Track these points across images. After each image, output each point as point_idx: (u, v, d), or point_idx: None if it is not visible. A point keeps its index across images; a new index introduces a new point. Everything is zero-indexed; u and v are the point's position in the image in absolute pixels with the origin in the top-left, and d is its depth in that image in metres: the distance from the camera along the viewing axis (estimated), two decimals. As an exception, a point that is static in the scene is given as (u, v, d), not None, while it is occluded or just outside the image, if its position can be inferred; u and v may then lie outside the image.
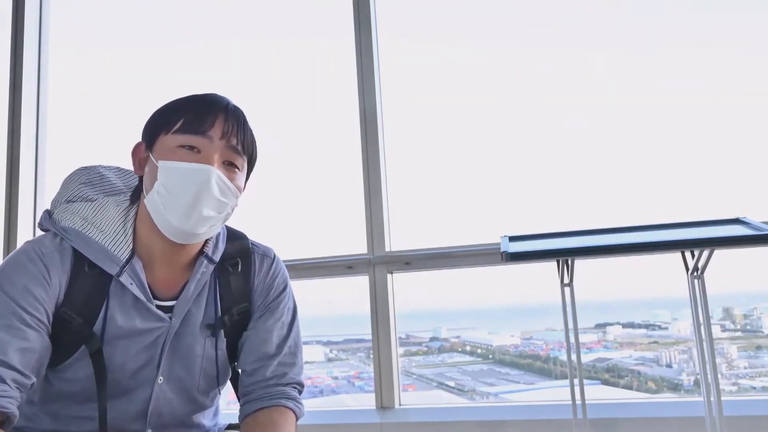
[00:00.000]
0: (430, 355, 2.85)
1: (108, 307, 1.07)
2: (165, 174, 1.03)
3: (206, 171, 1.03)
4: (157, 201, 1.04)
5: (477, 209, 2.60)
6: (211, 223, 1.06)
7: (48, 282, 1.03)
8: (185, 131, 1.05)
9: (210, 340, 1.15)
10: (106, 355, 1.06)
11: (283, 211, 2.78)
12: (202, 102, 1.08)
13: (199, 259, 1.13)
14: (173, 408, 1.15)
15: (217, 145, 1.05)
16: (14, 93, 2.95)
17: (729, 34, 2.54)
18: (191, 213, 1.03)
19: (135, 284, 1.07)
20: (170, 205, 1.03)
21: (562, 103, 2.62)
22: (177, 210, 1.03)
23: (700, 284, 1.92)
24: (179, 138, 1.04)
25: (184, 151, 1.04)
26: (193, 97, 1.10)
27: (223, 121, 1.06)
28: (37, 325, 1.00)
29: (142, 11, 3.17)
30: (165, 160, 1.03)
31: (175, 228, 1.04)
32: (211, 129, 1.05)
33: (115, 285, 1.07)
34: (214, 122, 1.05)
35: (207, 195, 1.03)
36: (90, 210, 1.11)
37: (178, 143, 1.04)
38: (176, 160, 1.03)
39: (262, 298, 1.21)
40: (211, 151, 1.04)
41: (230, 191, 1.06)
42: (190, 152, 1.04)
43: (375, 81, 2.66)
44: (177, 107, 1.08)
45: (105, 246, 1.06)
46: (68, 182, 1.20)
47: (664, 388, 2.54)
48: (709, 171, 2.42)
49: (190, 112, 1.06)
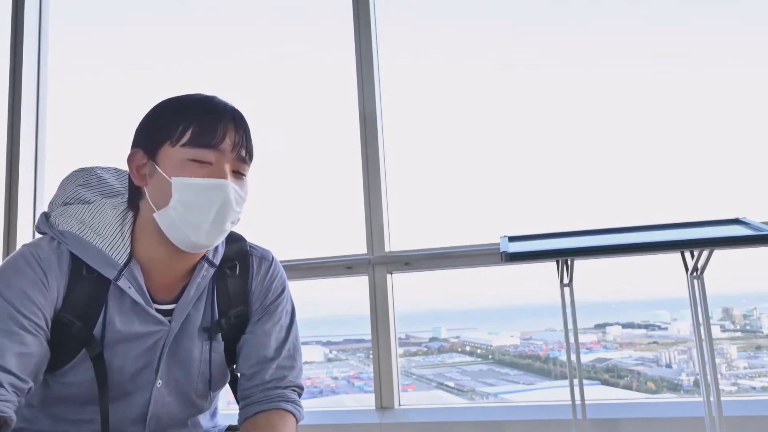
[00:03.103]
0: (430, 356, 2.85)
1: (107, 311, 1.06)
2: (180, 191, 1.01)
3: (224, 186, 1.02)
4: (173, 217, 1.02)
5: (476, 209, 2.60)
6: (226, 233, 1.07)
7: (46, 287, 1.02)
8: (195, 144, 1.02)
9: (207, 343, 1.14)
10: (105, 358, 1.05)
11: (283, 212, 2.78)
12: (208, 110, 1.04)
13: (200, 263, 1.12)
14: (172, 411, 1.14)
15: (228, 158, 1.04)
16: (14, 93, 2.94)
17: (729, 34, 2.54)
18: (212, 228, 1.03)
19: (134, 288, 1.06)
20: (188, 221, 1.02)
21: (561, 103, 2.62)
22: (198, 226, 1.02)
23: (699, 284, 1.92)
24: (189, 151, 1.02)
25: (195, 166, 1.01)
26: (194, 101, 1.06)
27: (234, 133, 1.05)
28: (35, 330, 1.00)
29: (143, 11, 3.17)
30: (178, 175, 1.01)
31: (192, 242, 1.04)
32: (222, 142, 1.03)
33: (113, 289, 1.06)
34: (225, 134, 1.03)
35: (228, 209, 1.03)
36: (87, 213, 1.10)
37: (189, 157, 1.01)
38: (188, 176, 1.01)
39: (259, 301, 1.20)
40: (222, 164, 1.03)
41: (243, 200, 1.07)
42: (201, 166, 1.02)
43: (375, 82, 2.66)
44: (179, 113, 1.04)
45: (102, 250, 1.05)
46: (65, 184, 1.18)
47: (663, 389, 2.54)
48: (709, 171, 2.42)
49: (198, 123, 1.02)
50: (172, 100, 1.08)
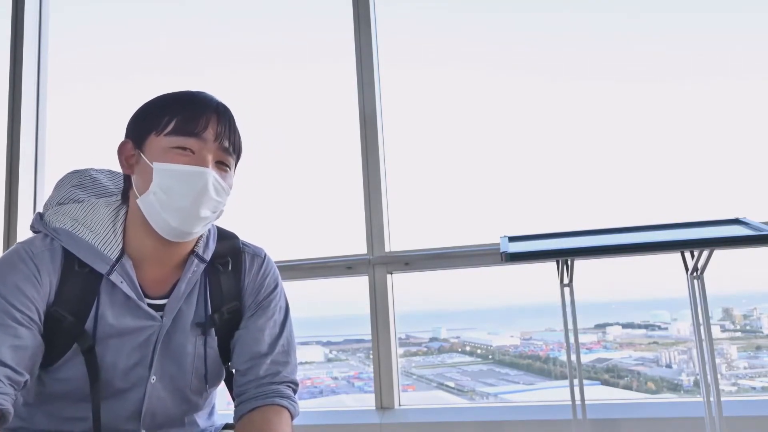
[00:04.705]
0: (430, 356, 2.85)
1: (99, 306, 1.07)
2: (161, 176, 1.04)
3: (203, 173, 1.05)
4: (153, 202, 1.05)
5: (476, 210, 2.60)
6: (206, 221, 1.08)
7: (39, 281, 1.04)
8: (178, 133, 1.05)
9: (201, 338, 1.15)
10: (98, 353, 1.06)
11: (283, 212, 2.78)
12: (192, 102, 1.08)
13: (190, 258, 1.14)
14: (167, 408, 1.15)
15: (211, 147, 1.07)
16: (14, 94, 2.95)
17: (728, 35, 2.54)
18: (190, 214, 1.05)
19: (126, 282, 1.08)
20: (168, 206, 1.04)
21: (561, 103, 2.62)
22: (175, 211, 1.04)
23: (699, 284, 1.92)
24: (172, 140, 1.05)
25: (177, 153, 1.05)
26: (181, 95, 1.10)
27: (216, 123, 1.08)
28: (28, 323, 1.01)
29: (143, 14, 3.17)
30: (159, 161, 1.04)
31: (173, 228, 1.05)
32: (204, 131, 1.06)
33: (105, 283, 1.08)
34: (207, 124, 1.07)
35: (205, 196, 1.05)
36: (80, 211, 1.12)
37: (172, 144, 1.05)
38: (170, 162, 1.04)
39: (252, 297, 1.22)
40: (205, 153, 1.06)
41: (224, 191, 1.09)
42: (184, 153, 1.05)
43: (375, 83, 2.66)
44: (166, 106, 1.08)
45: (94, 245, 1.07)
46: (60, 185, 1.21)
47: (663, 389, 2.54)
48: (709, 171, 2.42)
49: (182, 113, 1.06)
50: (162, 95, 1.12)
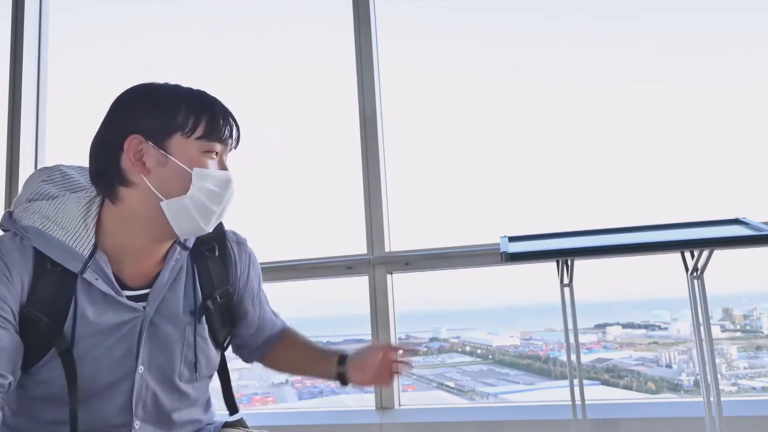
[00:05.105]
0: (430, 356, 2.85)
1: (77, 305, 1.05)
2: (203, 181, 1.05)
3: (232, 179, 1.10)
4: (189, 206, 1.04)
5: (476, 210, 2.60)
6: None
7: (9, 280, 1.01)
8: (209, 138, 1.07)
9: (190, 326, 1.15)
10: (80, 352, 1.05)
11: (283, 212, 2.78)
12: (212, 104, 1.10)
13: (173, 247, 1.13)
14: (157, 398, 1.14)
15: (227, 151, 1.12)
16: (14, 92, 2.95)
17: (728, 35, 2.54)
18: (218, 217, 1.10)
19: (101, 279, 1.06)
20: (205, 211, 1.06)
21: (561, 103, 2.62)
22: (210, 215, 1.07)
23: (699, 284, 1.92)
24: (203, 144, 1.06)
25: (208, 157, 1.07)
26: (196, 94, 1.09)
27: (235, 129, 1.12)
28: (3, 323, 0.99)
29: (144, 12, 3.17)
30: (196, 166, 1.05)
31: (200, 229, 1.09)
32: (230, 138, 1.11)
33: (81, 282, 1.06)
34: (231, 130, 1.11)
35: (231, 200, 1.11)
36: (51, 208, 1.09)
37: (203, 149, 1.06)
38: (204, 167, 1.06)
39: (245, 286, 1.28)
40: (224, 156, 1.11)
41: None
42: (212, 157, 1.08)
43: (375, 83, 2.66)
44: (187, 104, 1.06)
45: (65, 242, 1.04)
46: (29, 182, 1.18)
47: (663, 389, 2.54)
48: (709, 171, 2.42)
49: (208, 117, 1.07)
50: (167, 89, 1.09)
